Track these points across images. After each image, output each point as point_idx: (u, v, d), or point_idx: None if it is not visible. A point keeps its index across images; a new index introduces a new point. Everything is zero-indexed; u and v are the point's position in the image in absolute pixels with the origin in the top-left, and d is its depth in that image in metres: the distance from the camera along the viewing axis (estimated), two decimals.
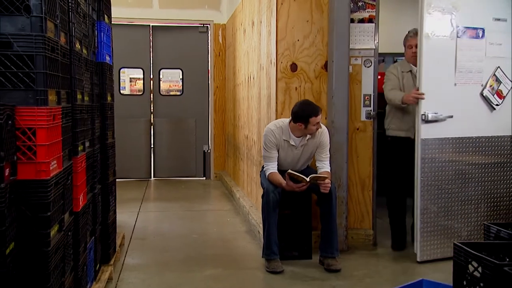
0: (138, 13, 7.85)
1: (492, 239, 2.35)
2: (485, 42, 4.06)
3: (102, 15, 3.57)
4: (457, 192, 4.04)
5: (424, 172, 3.92)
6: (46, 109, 2.05)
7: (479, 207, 4.12)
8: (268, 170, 3.97)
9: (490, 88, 4.07)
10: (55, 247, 2.18)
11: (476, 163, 4.11)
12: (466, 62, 4.00)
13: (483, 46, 4.05)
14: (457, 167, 4.03)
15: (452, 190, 4.02)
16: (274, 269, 3.75)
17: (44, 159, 2.04)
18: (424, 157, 3.91)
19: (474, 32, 4.01)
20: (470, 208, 4.09)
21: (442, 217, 3.99)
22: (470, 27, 4.00)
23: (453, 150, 4.01)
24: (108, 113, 3.73)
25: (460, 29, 3.96)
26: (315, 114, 3.80)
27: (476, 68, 4.03)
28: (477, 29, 4.02)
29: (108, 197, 3.70)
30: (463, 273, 2.04)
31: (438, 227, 3.99)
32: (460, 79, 4.00)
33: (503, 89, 4.12)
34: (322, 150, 4.00)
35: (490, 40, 4.07)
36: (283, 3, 4.31)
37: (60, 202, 2.29)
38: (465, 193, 4.07)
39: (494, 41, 4.08)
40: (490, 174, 4.14)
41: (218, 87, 8.20)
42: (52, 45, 2.15)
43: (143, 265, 3.96)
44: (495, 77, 4.09)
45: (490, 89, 4.07)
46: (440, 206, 3.99)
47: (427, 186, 3.94)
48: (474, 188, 4.10)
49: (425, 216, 3.94)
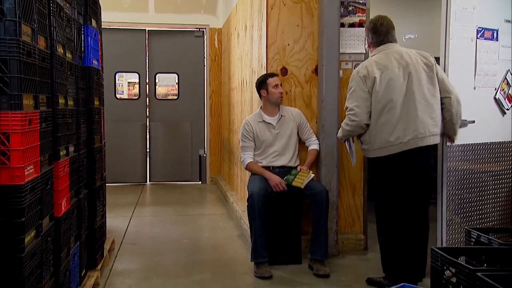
0: (134, 18, 7.86)
1: (473, 244, 2.33)
2: (498, 44, 3.96)
3: (89, 19, 3.55)
4: (478, 201, 3.88)
5: (449, 181, 3.75)
6: (21, 114, 2.03)
7: (496, 215, 3.99)
8: (246, 159, 4.15)
9: (502, 91, 3.97)
10: (31, 253, 2.16)
11: (492, 170, 3.97)
12: (484, 65, 3.89)
13: (497, 48, 3.96)
14: (477, 175, 3.89)
15: (473, 199, 3.86)
16: (262, 274, 3.73)
17: (18, 164, 2.02)
18: (449, 166, 3.74)
19: (490, 33, 3.88)
20: (490, 216, 3.95)
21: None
22: (487, 28, 3.87)
23: (474, 157, 3.87)
24: (95, 118, 3.71)
25: (479, 30, 3.82)
26: (271, 75, 4.14)
27: (492, 71, 3.94)
28: (492, 30, 3.89)
29: (95, 202, 3.67)
30: (439, 278, 2.02)
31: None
32: (478, 82, 3.88)
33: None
34: (304, 129, 4.21)
35: (502, 43, 3.98)
36: (273, 7, 4.30)
37: (37, 207, 2.27)
38: (485, 201, 3.92)
39: (505, 44, 4.00)
40: (503, 180, 4.04)
41: (214, 92, 8.20)
42: (28, 49, 2.14)
43: (131, 270, 3.94)
44: (506, 80, 3.99)
45: (502, 92, 3.97)
46: (463, 217, 3.81)
47: (452, 196, 3.76)
48: (491, 196, 3.97)
49: (449, 227, 3.75)
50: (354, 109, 3.38)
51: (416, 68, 3.37)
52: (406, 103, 3.32)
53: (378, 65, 3.37)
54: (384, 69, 3.35)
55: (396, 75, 3.33)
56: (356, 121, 3.39)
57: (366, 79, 3.36)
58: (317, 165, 4.26)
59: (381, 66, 3.36)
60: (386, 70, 3.35)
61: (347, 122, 3.46)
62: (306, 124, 4.22)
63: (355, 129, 3.45)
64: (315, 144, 4.20)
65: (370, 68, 3.37)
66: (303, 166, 4.08)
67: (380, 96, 3.33)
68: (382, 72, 3.35)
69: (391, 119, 3.31)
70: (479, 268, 1.98)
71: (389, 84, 3.33)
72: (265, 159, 4.14)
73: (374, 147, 3.40)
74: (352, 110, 3.40)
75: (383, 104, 3.33)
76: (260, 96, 4.20)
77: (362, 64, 3.53)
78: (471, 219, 3.87)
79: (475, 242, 2.33)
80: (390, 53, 3.42)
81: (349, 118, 3.43)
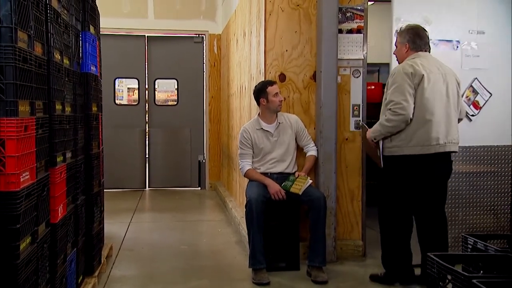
0: (134, 24, 7.87)
1: (469, 251, 2.32)
2: (460, 54, 4.18)
3: (87, 26, 3.56)
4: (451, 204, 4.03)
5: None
6: (16, 120, 2.03)
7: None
8: (244, 167, 4.15)
9: (466, 99, 4.15)
10: (26, 260, 2.16)
11: (463, 172, 4.21)
12: None
13: (458, 58, 4.17)
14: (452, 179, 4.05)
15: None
16: (260, 280, 3.72)
17: (13, 170, 2.02)
18: None
19: (448, 44, 4.15)
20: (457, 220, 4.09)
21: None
22: (443, 40, 4.14)
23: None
24: (93, 124, 3.71)
25: (434, 42, 4.02)
26: (270, 84, 4.09)
27: None
28: (451, 41, 4.16)
29: (93, 208, 3.67)
30: (436, 285, 2.01)
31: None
32: None
33: (479, 100, 4.20)
34: (302, 135, 4.20)
35: (466, 53, 4.18)
36: (272, 13, 4.31)
37: (33, 213, 2.27)
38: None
39: (470, 53, 4.18)
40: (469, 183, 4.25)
41: (213, 97, 8.21)
42: (24, 55, 2.14)
43: (129, 277, 3.93)
44: (472, 88, 4.18)
45: (466, 100, 4.15)
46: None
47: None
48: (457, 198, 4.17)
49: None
50: (402, 102, 3.39)
51: (451, 80, 3.56)
52: (446, 108, 3.49)
53: (423, 66, 3.48)
54: (429, 71, 3.47)
55: (439, 79, 3.49)
56: (404, 115, 3.40)
57: (413, 76, 3.43)
58: (315, 171, 4.26)
59: (425, 68, 3.48)
60: (430, 73, 3.47)
61: (390, 117, 3.43)
62: (304, 131, 4.22)
63: (400, 124, 3.44)
64: (313, 150, 4.19)
65: (416, 66, 3.46)
66: (301, 172, 4.08)
67: (428, 94, 3.43)
68: (427, 73, 3.46)
69: (434, 119, 3.42)
70: (475, 275, 1.97)
71: (434, 86, 3.45)
72: (263, 166, 4.14)
73: (411, 144, 3.44)
74: (399, 103, 3.40)
75: (431, 103, 3.43)
76: (259, 104, 4.18)
77: (404, 63, 3.57)
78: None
79: (471, 248, 2.32)
80: (430, 60, 3.57)
81: (395, 112, 3.42)
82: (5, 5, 2.02)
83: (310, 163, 4.15)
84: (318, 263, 3.81)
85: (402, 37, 3.66)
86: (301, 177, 4.00)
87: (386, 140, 3.55)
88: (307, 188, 3.91)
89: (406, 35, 3.63)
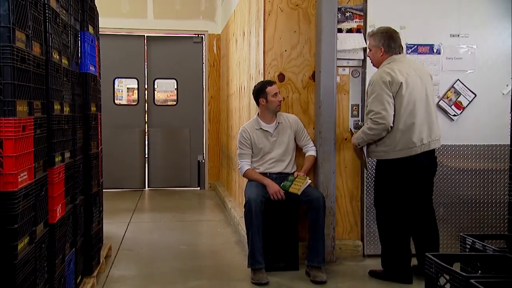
0: (133, 24, 7.87)
1: (468, 251, 2.32)
2: (440, 57, 4.34)
3: (86, 26, 3.56)
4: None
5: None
6: (14, 120, 2.03)
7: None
8: (243, 167, 4.15)
9: (446, 99, 4.31)
10: (24, 260, 2.16)
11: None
12: None
13: (438, 60, 4.34)
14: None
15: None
16: (259, 280, 3.72)
17: (11, 170, 2.02)
18: None
19: (426, 48, 4.34)
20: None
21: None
22: (421, 44, 4.33)
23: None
24: (92, 124, 3.71)
25: (409, 47, 4.28)
26: (269, 84, 4.11)
27: (433, 81, 4.10)
28: (431, 45, 4.34)
29: (92, 208, 3.67)
30: (433, 285, 2.01)
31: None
32: None
33: (462, 101, 4.34)
34: (301, 135, 4.21)
35: (447, 55, 4.34)
36: (271, 13, 4.30)
37: (31, 213, 2.27)
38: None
39: (452, 56, 4.35)
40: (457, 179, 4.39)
41: (213, 97, 8.20)
42: (22, 55, 2.14)
43: (128, 277, 3.92)
44: (453, 89, 4.33)
45: (447, 100, 4.31)
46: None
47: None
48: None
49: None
50: (381, 112, 3.54)
51: (427, 78, 3.73)
52: (426, 108, 3.63)
53: (400, 72, 3.59)
54: (407, 76, 3.58)
55: (417, 82, 3.64)
56: (384, 124, 3.55)
57: (391, 84, 3.54)
58: (314, 171, 4.25)
59: (403, 73, 3.59)
60: (408, 77, 3.58)
61: (371, 126, 3.60)
62: (303, 131, 4.22)
63: (380, 132, 3.60)
64: (312, 150, 4.19)
65: (393, 74, 3.57)
66: (300, 172, 4.07)
67: (406, 101, 3.56)
68: (405, 78, 3.57)
69: (417, 122, 3.57)
70: (472, 275, 1.97)
71: (412, 90, 3.58)
72: (263, 166, 4.14)
73: (397, 148, 3.59)
74: (379, 113, 3.55)
75: (410, 108, 3.56)
76: (258, 104, 4.18)
77: (381, 71, 3.67)
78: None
79: (470, 248, 2.33)
80: (406, 62, 3.70)
81: (375, 121, 3.57)
82: (3, 4, 2.01)
83: (309, 163, 4.15)
84: (317, 263, 3.81)
85: (376, 41, 3.76)
86: (300, 177, 4.00)
87: (372, 145, 3.73)
88: (306, 188, 3.91)
89: (381, 39, 3.73)
